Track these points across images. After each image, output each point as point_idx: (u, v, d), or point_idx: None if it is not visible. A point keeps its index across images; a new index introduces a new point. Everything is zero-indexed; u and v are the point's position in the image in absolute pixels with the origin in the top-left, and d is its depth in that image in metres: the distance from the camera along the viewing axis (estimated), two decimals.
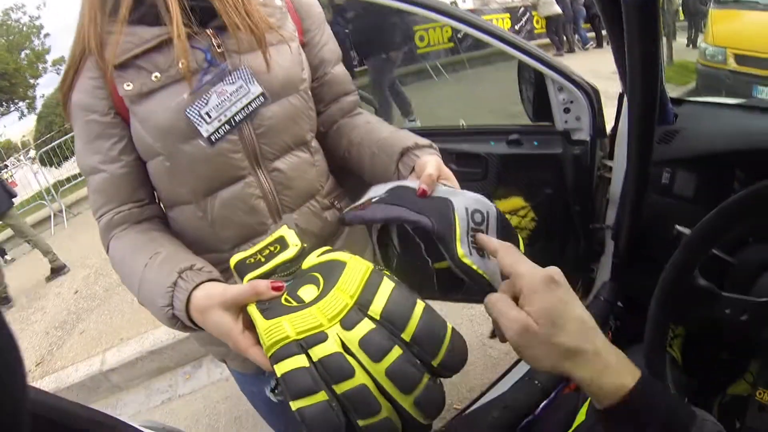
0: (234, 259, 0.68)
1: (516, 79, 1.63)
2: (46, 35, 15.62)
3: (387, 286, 0.55)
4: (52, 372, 3.22)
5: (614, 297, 1.35)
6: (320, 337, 0.51)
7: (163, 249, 0.80)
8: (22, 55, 15.04)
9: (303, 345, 0.52)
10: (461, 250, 0.63)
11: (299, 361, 0.51)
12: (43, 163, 8.38)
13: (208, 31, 0.81)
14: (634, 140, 0.96)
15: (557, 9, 10.17)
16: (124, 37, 0.78)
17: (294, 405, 0.49)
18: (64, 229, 7.43)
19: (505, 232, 0.71)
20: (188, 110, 0.79)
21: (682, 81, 5.61)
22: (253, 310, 0.59)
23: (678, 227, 1.00)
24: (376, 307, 0.53)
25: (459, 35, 9.23)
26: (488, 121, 5.15)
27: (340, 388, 0.49)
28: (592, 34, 10.27)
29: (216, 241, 0.90)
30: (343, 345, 0.51)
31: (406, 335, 0.51)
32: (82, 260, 5.40)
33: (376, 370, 0.50)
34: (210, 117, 0.80)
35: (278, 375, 0.51)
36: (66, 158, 9.16)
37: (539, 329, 0.50)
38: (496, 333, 0.56)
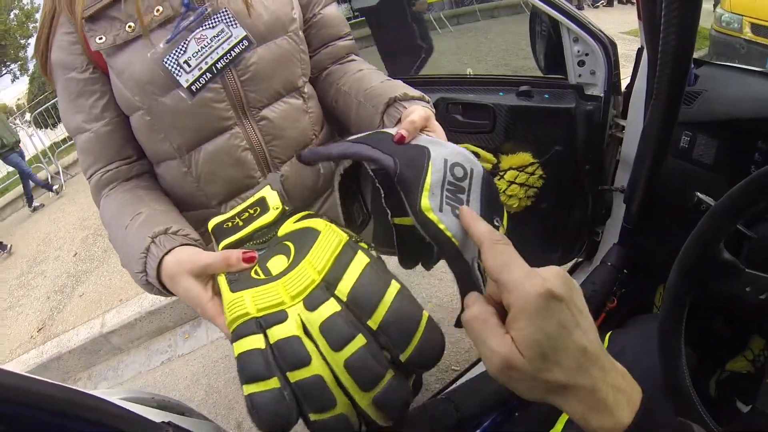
0: (212, 223, 0.65)
1: (524, 33, 1.55)
2: None
3: (359, 262, 0.49)
4: (53, 336, 3.22)
5: (621, 263, 1.30)
6: (280, 317, 0.46)
7: (144, 209, 0.76)
8: (11, 15, 14.63)
9: (262, 324, 0.47)
10: (427, 201, 0.51)
11: (256, 341, 0.46)
12: (38, 125, 8.21)
13: None
14: (661, 100, 0.87)
15: None
16: None
17: (245, 389, 0.45)
18: (62, 190, 7.36)
19: (490, 197, 0.58)
20: (165, 59, 0.74)
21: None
22: (222, 280, 0.55)
23: (699, 194, 0.93)
24: (344, 287, 0.46)
25: None
26: (495, 73, 5.03)
27: (294, 376, 0.44)
28: None
29: (203, 197, 0.87)
30: (304, 327, 0.45)
31: (373, 322, 0.45)
32: (80, 222, 5.38)
33: (334, 359, 0.44)
34: (189, 65, 0.75)
35: (234, 354, 0.46)
36: (60, 119, 9.01)
37: (526, 365, 0.40)
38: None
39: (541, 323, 0.39)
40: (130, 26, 0.73)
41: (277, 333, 0.45)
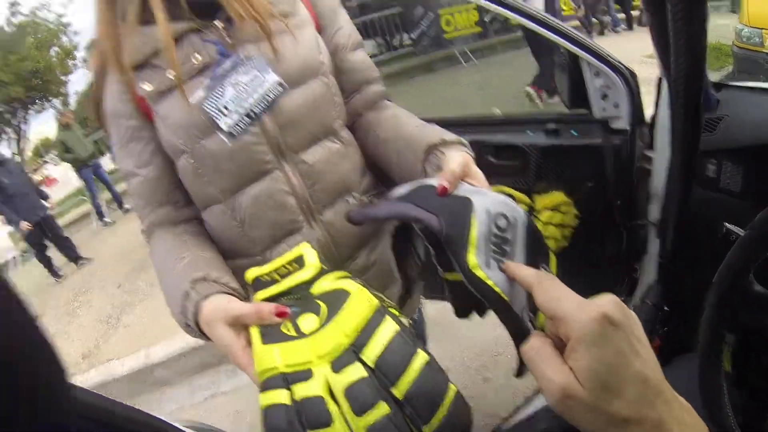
0: (250, 275, 0.67)
1: None
2: (75, 32, 16.05)
3: (388, 329, 0.49)
4: (98, 365, 3.33)
5: (661, 301, 1.28)
6: (305, 375, 0.48)
7: (188, 254, 0.80)
8: (52, 52, 15.38)
9: (288, 379, 0.48)
10: (474, 258, 0.54)
11: (281, 396, 0.47)
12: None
13: (217, 23, 0.80)
14: (678, 130, 0.89)
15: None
16: (136, 39, 0.78)
17: None
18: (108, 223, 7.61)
19: (535, 244, 0.60)
20: (205, 104, 0.78)
21: (716, 65, 5.31)
22: (254, 331, 0.57)
23: (727, 225, 0.92)
24: (371, 353, 0.48)
25: (486, 18, 9.03)
26: (521, 107, 5.03)
27: None
28: (622, 16, 9.73)
29: (247, 242, 0.88)
30: (329, 388, 0.47)
31: (398, 391, 0.46)
32: (124, 255, 5.55)
33: (357, 424, 0.44)
34: (228, 109, 0.78)
35: (260, 407, 0.48)
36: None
37: (586, 395, 0.38)
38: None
39: (599, 351, 0.39)
40: (171, 74, 0.78)
41: (301, 391, 0.47)
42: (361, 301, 0.53)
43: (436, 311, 2.58)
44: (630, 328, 0.40)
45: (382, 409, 0.44)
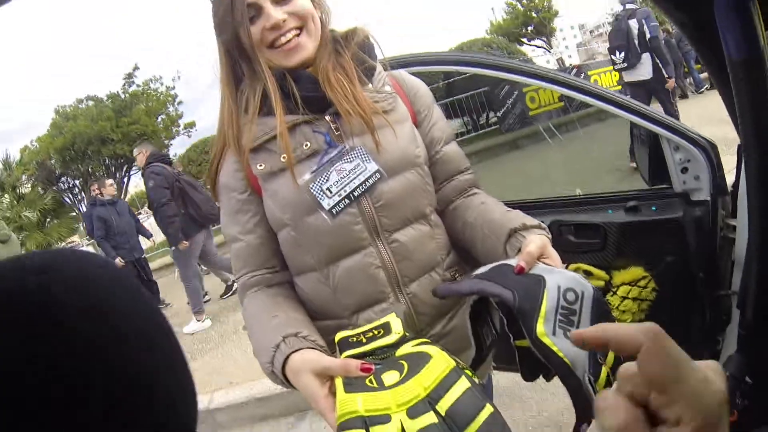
0: (339, 336, 0.76)
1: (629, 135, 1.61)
2: (179, 102, 18.08)
3: (461, 385, 0.57)
4: None
5: (742, 372, 1.21)
6: (384, 419, 0.55)
7: (281, 313, 0.91)
8: (159, 119, 17.42)
9: (367, 422, 0.55)
10: (542, 327, 0.62)
11: None
12: None
13: (327, 117, 0.94)
14: (752, 193, 0.90)
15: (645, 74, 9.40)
16: (255, 127, 0.94)
17: None
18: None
19: (601, 315, 0.67)
20: (311, 186, 0.90)
21: None
22: (339, 382, 0.66)
23: None
24: (444, 403, 0.55)
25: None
26: (605, 180, 4.96)
27: None
28: (705, 75, 9.47)
29: (337, 306, 0.97)
30: (403, 430, 0.53)
31: None
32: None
33: None
34: (331, 192, 0.90)
35: None
36: None
37: None
38: None
39: (696, 388, 0.33)
40: (284, 157, 0.90)
41: (378, 431, 0.54)
42: (440, 361, 0.61)
43: (508, 380, 2.53)
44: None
45: None
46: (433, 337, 0.99)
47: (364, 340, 0.73)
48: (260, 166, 0.93)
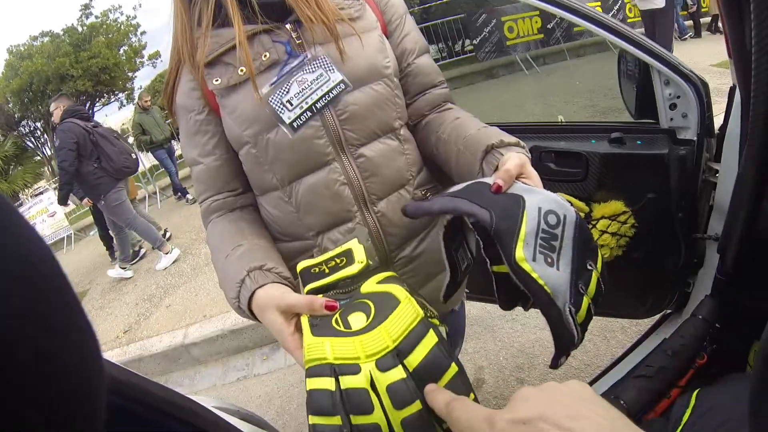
0: (300, 266, 0.73)
1: (610, 72, 1.55)
2: (143, 33, 17.03)
3: (430, 340, 0.55)
4: (137, 340, 3.46)
5: (713, 316, 1.22)
6: (353, 369, 0.54)
7: (245, 242, 0.85)
8: (121, 51, 16.43)
9: (336, 370, 0.55)
10: (521, 252, 0.58)
11: (327, 383, 0.54)
12: (140, 148, 9.16)
13: (287, 26, 0.86)
14: (756, 142, 0.84)
15: (658, 3, 9.32)
16: (210, 40, 0.85)
17: (311, 419, 0.53)
18: (157, 209, 7.89)
19: (583, 242, 0.63)
20: (271, 99, 0.83)
21: None
22: (305, 322, 0.64)
23: None
24: (413, 360, 0.54)
25: (549, 26, 8.90)
26: (582, 116, 4.92)
27: (356, 419, 0.51)
28: (689, 23, 9.33)
29: (301, 227, 0.93)
30: (372, 383, 0.53)
31: None
32: (172, 239, 5.74)
33: (393, 416, 0.51)
34: (292, 104, 0.84)
35: (306, 388, 0.55)
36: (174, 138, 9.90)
37: None
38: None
39: None
40: (241, 70, 0.84)
41: (348, 382, 0.53)
42: (408, 310, 0.58)
43: (479, 309, 2.57)
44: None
45: (416, 406, 0.51)
46: (403, 260, 0.97)
47: (327, 271, 0.70)
48: (216, 80, 0.86)
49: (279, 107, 0.84)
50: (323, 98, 0.84)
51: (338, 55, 0.85)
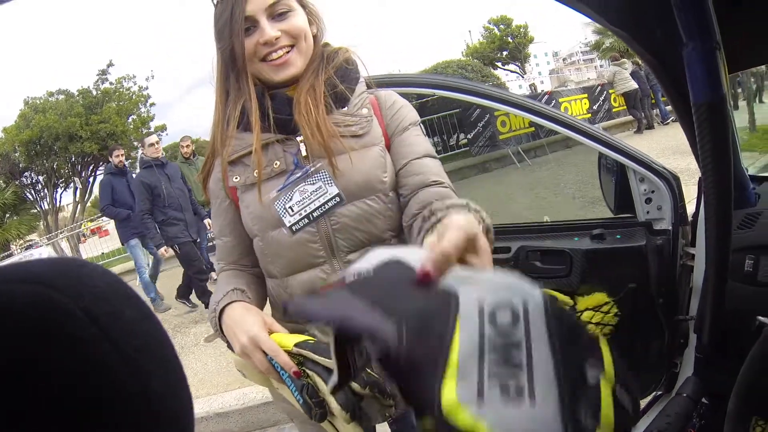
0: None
1: (596, 162, 1.68)
2: (152, 104, 17.57)
3: None
4: None
5: (697, 393, 1.28)
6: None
7: (242, 281, 1.02)
8: (129, 119, 16.89)
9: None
10: (452, 392, 0.35)
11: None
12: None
13: (298, 138, 0.99)
14: (710, 228, 0.97)
15: (633, 84, 9.89)
16: (235, 141, 1.00)
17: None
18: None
19: (567, 338, 0.38)
20: (276, 203, 0.97)
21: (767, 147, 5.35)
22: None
23: (760, 318, 0.97)
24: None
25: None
26: (571, 207, 5.11)
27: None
28: (671, 108, 9.87)
29: None
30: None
31: None
32: (162, 315, 5.57)
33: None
34: (293, 210, 0.97)
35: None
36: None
37: None
38: None
39: None
40: (256, 173, 0.97)
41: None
42: None
43: None
44: None
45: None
46: None
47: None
48: (236, 178, 1.00)
49: (282, 211, 0.96)
50: (320, 208, 0.96)
51: (340, 170, 0.96)
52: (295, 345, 0.80)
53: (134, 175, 5.19)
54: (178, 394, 0.35)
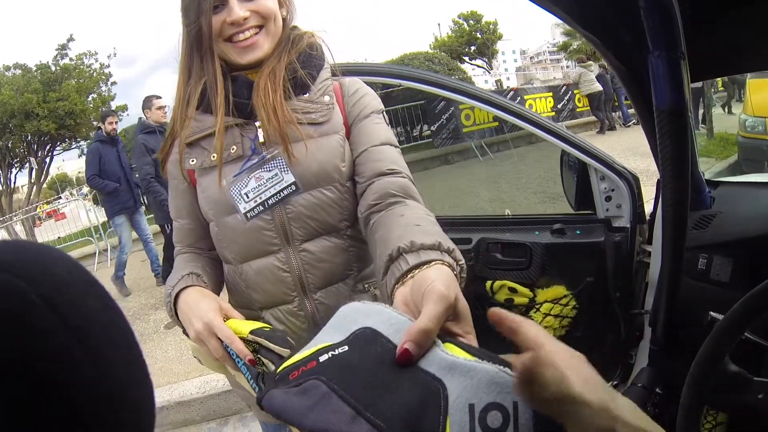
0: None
1: (558, 159, 1.72)
2: (113, 83, 16.62)
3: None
4: None
5: (652, 384, 1.34)
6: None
7: (199, 263, 1.01)
8: (89, 98, 15.93)
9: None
10: None
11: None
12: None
13: (256, 123, 0.97)
14: (667, 227, 1.01)
15: (598, 87, 10.24)
16: (193, 123, 0.98)
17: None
18: (106, 267, 7.45)
19: None
20: (232, 189, 0.95)
21: (723, 154, 5.57)
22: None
23: (712, 314, 1.02)
24: None
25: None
26: (532, 201, 5.23)
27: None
28: (633, 111, 10.27)
29: (249, 300, 1.03)
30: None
31: None
32: (119, 303, 5.46)
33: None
34: (248, 197, 0.95)
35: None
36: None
37: None
38: None
39: None
40: (213, 156, 0.95)
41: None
42: None
43: None
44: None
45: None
46: None
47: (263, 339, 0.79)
48: (192, 161, 0.98)
49: (237, 197, 0.95)
50: (275, 196, 0.94)
51: (297, 158, 0.93)
52: (251, 332, 0.79)
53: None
54: (139, 382, 0.35)
